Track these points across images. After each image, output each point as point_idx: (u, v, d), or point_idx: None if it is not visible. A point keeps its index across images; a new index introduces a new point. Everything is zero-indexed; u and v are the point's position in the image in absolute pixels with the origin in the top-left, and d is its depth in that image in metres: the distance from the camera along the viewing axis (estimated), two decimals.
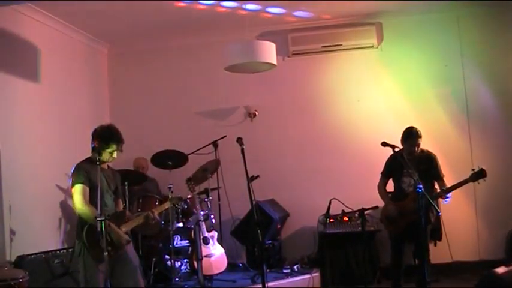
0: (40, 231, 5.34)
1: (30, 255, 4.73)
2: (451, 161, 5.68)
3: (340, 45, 6.57)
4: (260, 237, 4.05)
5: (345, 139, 6.61)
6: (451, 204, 4.91)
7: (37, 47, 5.58)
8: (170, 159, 5.90)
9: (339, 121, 6.67)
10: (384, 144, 4.54)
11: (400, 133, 4.96)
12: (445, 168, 5.00)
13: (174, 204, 4.56)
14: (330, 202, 4.78)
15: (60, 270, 4.85)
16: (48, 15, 5.71)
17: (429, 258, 4.83)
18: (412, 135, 4.87)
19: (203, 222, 5.51)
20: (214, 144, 6.34)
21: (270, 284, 5.14)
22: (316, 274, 5.77)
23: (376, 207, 4.76)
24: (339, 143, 6.62)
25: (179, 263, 5.79)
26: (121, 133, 4.02)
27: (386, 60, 6.61)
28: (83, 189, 3.80)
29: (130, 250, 4.03)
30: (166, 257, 5.72)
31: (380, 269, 5.78)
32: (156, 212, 4.18)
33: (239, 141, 4.39)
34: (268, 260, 5.95)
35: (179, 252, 5.81)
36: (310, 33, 6.62)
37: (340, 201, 4.68)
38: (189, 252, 5.81)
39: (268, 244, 6.07)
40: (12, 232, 4.87)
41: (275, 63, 5.20)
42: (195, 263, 5.37)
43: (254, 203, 4.15)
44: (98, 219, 3.50)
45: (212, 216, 5.83)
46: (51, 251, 4.95)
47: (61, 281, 4.80)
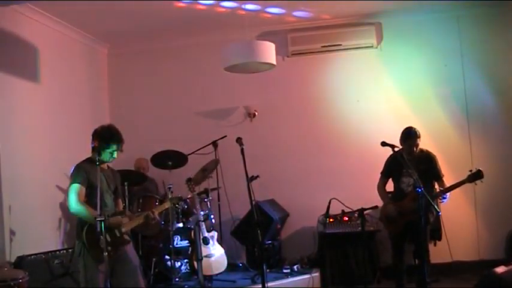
0: (40, 231, 5.33)
1: (30, 255, 4.72)
2: (450, 160, 5.69)
3: (339, 45, 6.56)
4: (260, 237, 4.06)
5: (345, 139, 6.61)
6: (451, 204, 4.92)
7: (37, 47, 5.58)
8: (170, 160, 5.91)
9: (339, 121, 6.67)
10: (384, 144, 4.53)
11: (399, 133, 4.98)
12: (445, 168, 5.01)
13: (174, 204, 4.56)
14: (329, 202, 4.77)
15: (60, 270, 4.84)
16: (48, 15, 5.71)
17: (429, 259, 4.84)
18: (411, 136, 4.88)
19: (203, 223, 5.50)
20: (214, 144, 6.33)
21: (270, 284, 5.14)
22: (316, 274, 5.77)
23: (375, 207, 4.76)
24: (338, 143, 6.62)
25: (179, 263, 5.79)
26: (121, 133, 4.03)
27: (386, 60, 6.61)
28: (78, 189, 3.81)
29: (130, 250, 4.04)
30: (166, 257, 5.73)
31: (380, 269, 5.79)
32: (156, 212, 4.18)
33: (239, 141, 4.40)
34: (268, 260, 5.95)
35: (179, 253, 5.81)
36: (309, 33, 6.62)
37: (339, 201, 4.68)
38: (189, 252, 5.81)
39: (268, 244, 6.07)
40: (12, 232, 4.87)
41: (275, 63, 5.20)
42: (195, 263, 5.36)
43: (254, 203, 4.16)
44: (98, 220, 3.50)
45: (212, 216, 5.82)
46: (51, 252, 4.94)
47: (61, 281, 4.79)
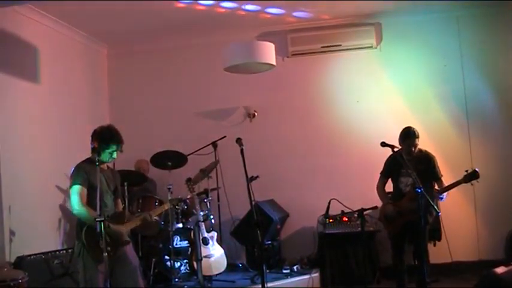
0: (40, 231, 5.33)
1: (30, 255, 4.73)
2: (450, 160, 5.69)
3: (339, 46, 6.57)
4: (260, 237, 4.05)
5: (345, 139, 6.61)
6: (451, 204, 4.92)
7: (37, 47, 5.59)
8: (170, 160, 5.90)
9: (339, 121, 6.67)
10: (383, 144, 4.53)
11: (399, 133, 4.97)
12: (444, 168, 5.01)
13: (173, 205, 4.55)
14: (329, 202, 4.77)
15: (59, 270, 4.85)
16: (48, 16, 5.71)
17: (428, 259, 4.83)
18: (410, 136, 4.88)
19: (203, 223, 5.50)
20: (214, 144, 6.33)
21: (269, 284, 5.14)
22: (315, 274, 5.77)
23: (375, 208, 4.76)
24: (338, 143, 6.63)
25: (179, 264, 5.78)
26: (121, 133, 4.02)
27: (386, 61, 6.61)
28: (80, 190, 3.80)
29: (129, 251, 4.03)
30: (166, 257, 5.73)
31: (380, 269, 5.78)
32: (154, 214, 4.19)
33: (238, 141, 4.39)
34: (267, 260, 5.95)
35: (179, 253, 5.81)
36: (309, 33, 6.62)
37: (339, 201, 4.68)
38: (189, 252, 5.81)
39: (268, 244, 6.07)
40: (11, 233, 4.87)
41: (274, 64, 5.21)
42: (195, 263, 5.36)
43: (254, 203, 4.15)
44: (98, 220, 3.50)
45: (212, 216, 5.82)
46: (51, 252, 4.95)
47: (61, 281, 4.80)
